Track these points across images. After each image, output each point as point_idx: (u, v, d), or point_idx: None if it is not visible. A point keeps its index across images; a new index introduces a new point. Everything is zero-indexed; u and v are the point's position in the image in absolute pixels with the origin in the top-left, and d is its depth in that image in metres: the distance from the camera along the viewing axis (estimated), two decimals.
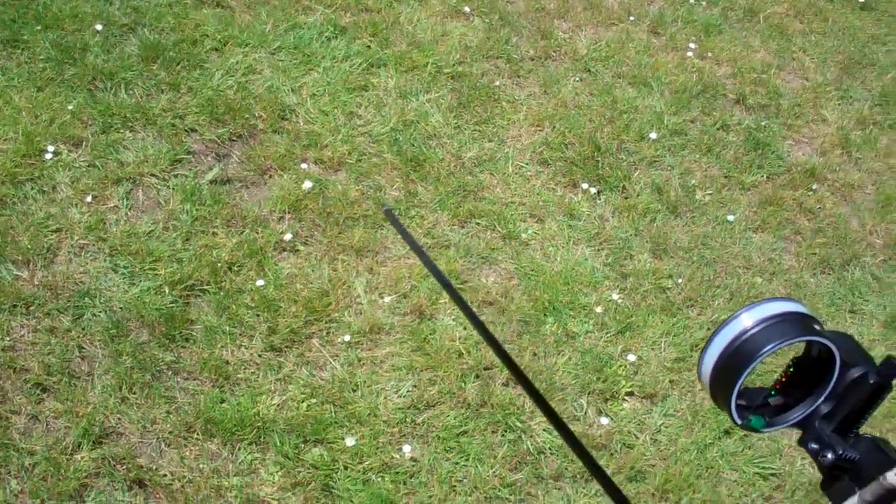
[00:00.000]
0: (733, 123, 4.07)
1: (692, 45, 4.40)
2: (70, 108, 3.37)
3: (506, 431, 2.78)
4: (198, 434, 2.62)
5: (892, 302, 3.51)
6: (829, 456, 0.85)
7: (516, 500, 2.64)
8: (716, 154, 3.90)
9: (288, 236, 3.14)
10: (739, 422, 0.88)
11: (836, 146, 4.11)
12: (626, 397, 2.95)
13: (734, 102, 4.20)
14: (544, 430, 2.79)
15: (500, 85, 3.93)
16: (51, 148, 3.23)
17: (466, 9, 4.24)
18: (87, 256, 2.99)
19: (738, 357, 0.85)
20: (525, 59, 4.09)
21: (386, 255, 3.17)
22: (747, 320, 0.87)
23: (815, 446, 0.87)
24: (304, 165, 3.37)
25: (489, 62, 4.03)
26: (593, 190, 3.59)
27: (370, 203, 3.30)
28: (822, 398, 0.88)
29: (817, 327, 0.86)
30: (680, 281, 3.35)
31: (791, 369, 0.91)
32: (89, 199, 3.13)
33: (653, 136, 3.86)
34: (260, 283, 2.98)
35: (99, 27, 3.68)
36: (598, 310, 3.16)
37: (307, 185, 3.28)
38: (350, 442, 2.64)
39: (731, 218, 3.64)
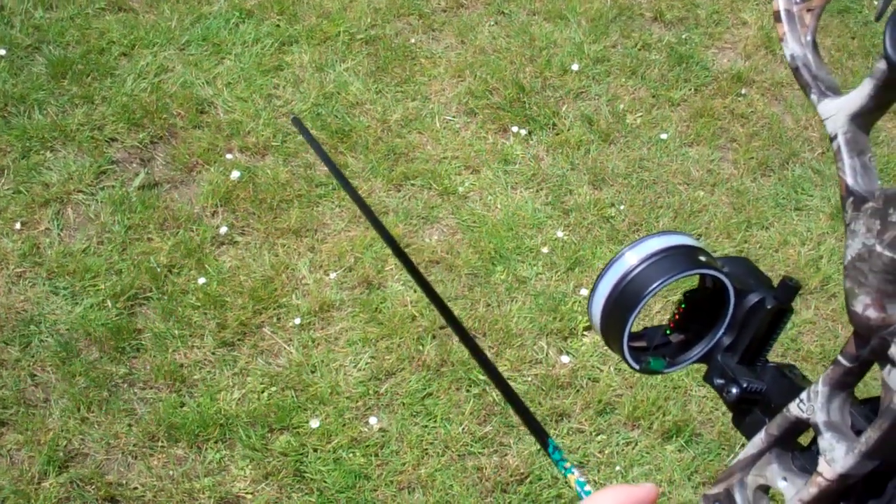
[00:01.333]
0: (654, 42, 4.05)
1: None
2: None
3: (469, 387, 2.78)
4: (162, 442, 2.60)
5: (835, 194, 3.52)
6: (734, 391, 0.81)
7: (489, 452, 2.64)
8: (640, 75, 3.89)
9: (224, 230, 3.11)
10: (637, 366, 0.84)
11: (759, 47, 4.11)
12: (584, 332, 2.96)
13: (652, 20, 4.17)
14: (508, 378, 2.80)
15: (416, 42, 3.89)
16: None
17: None
18: (26, 284, 2.95)
19: (624, 299, 0.81)
20: (437, 12, 4.05)
21: (325, 232, 3.15)
22: (631, 259, 0.82)
23: (719, 381, 0.83)
24: (229, 156, 3.34)
25: (401, 21, 3.98)
26: (524, 132, 3.58)
27: (301, 182, 3.27)
28: (722, 330, 0.84)
29: (704, 258, 0.83)
30: (622, 207, 3.35)
31: (683, 305, 0.87)
32: (18, 225, 3.08)
33: (575, 67, 3.84)
34: (202, 280, 2.95)
35: (2, 52, 3.61)
36: (545, 250, 3.16)
37: (235, 174, 3.25)
38: (315, 424, 2.64)
39: (664, 136, 3.63)
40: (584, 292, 3.03)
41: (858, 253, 0.62)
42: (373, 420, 2.68)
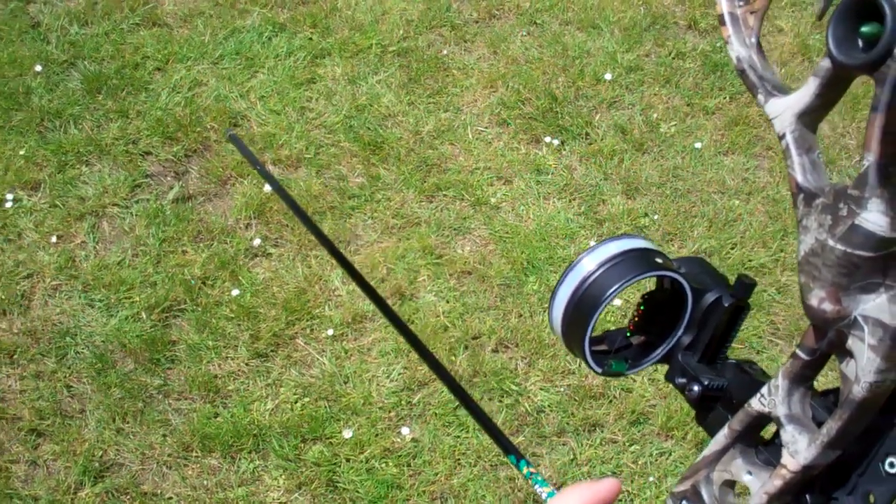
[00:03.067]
0: (688, 50, 4.03)
1: None
2: (22, 153, 3.35)
3: (502, 397, 2.77)
4: (196, 452, 2.61)
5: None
6: (696, 388, 0.82)
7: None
8: (675, 84, 3.87)
9: (257, 241, 3.13)
10: (599, 370, 0.86)
11: (795, 54, 4.07)
12: None
13: (686, 29, 4.15)
14: (541, 389, 2.79)
15: (448, 53, 3.90)
16: (10, 196, 3.22)
17: None
18: (62, 296, 2.98)
19: (584, 304, 0.83)
20: (469, 23, 4.05)
21: (358, 244, 3.16)
22: (589, 264, 0.84)
23: (681, 380, 0.84)
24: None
25: (433, 32, 3.99)
26: (556, 142, 3.57)
27: (334, 194, 3.29)
28: (682, 330, 0.86)
29: (660, 260, 0.84)
30: (656, 217, 3.33)
31: (642, 307, 0.89)
32: (54, 239, 3.12)
33: (608, 77, 3.83)
34: (235, 292, 2.97)
35: (38, 68, 3.66)
36: None
37: (268, 187, 3.27)
38: (348, 434, 2.64)
39: (698, 145, 3.61)
40: (618, 302, 3.01)
41: (811, 248, 0.64)
42: (405, 430, 2.67)
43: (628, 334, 0.89)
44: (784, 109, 0.67)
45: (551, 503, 0.72)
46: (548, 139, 3.57)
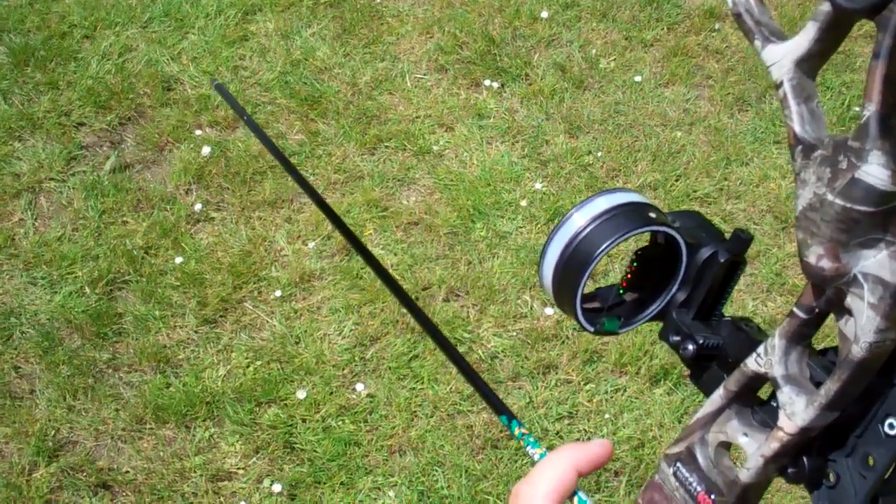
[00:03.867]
0: None
1: None
2: None
3: (455, 346, 2.76)
4: (150, 424, 2.59)
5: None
6: (691, 347, 0.79)
7: (478, 409, 2.63)
8: (611, 18, 3.83)
9: (198, 206, 3.08)
10: (591, 328, 0.82)
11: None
12: None
13: None
14: (493, 335, 2.78)
15: (382, 1, 3.84)
16: None
17: None
18: (4, 276, 2.93)
19: (575, 261, 0.80)
20: None
21: (302, 202, 3.12)
22: (579, 220, 0.80)
23: (675, 338, 0.82)
24: (198, 132, 3.30)
25: None
26: (496, 85, 3.53)
27: None
28: (676, 286, 0.83)
29: (653, 215, 0.81)
30: (599, 154, 3.31)
31: (635, 263, 0.86)
32: None
33: (544, 15, 3.78)
34: (179, 260, 2.93)
35: None
36: (524, 203, 3.13)
37: (206, 150, 3.22)
38: (302, 395, 2.63)
39: (638, 79, 3.59)
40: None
41: (809, 202, 0.61)
42: (360, 386, 2.67)
43: (621, 291, 0.86)
44: (782, 56, 0.64)
45: (542, 464, 0.71)
46: (487, 82, 3.53)
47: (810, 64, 0.63)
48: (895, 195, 0.57)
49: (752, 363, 0.69)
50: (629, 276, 0.86)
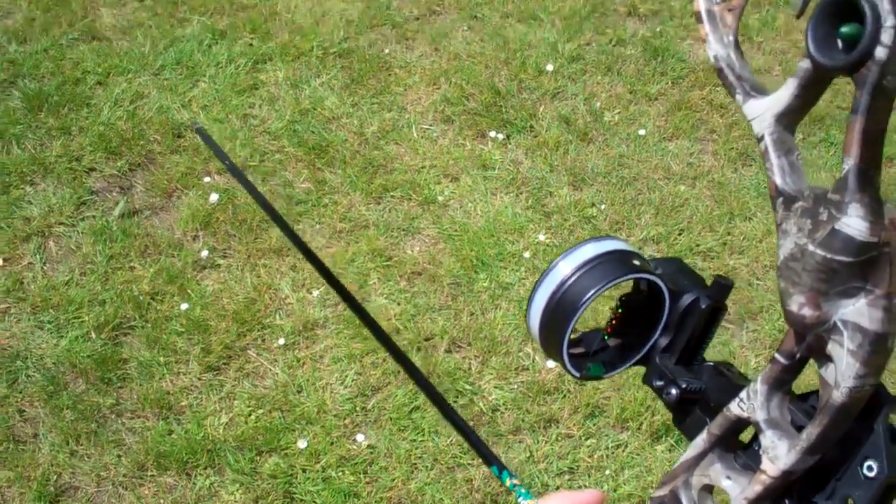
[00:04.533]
0: (629, 37, 4.05)
1: None
2: None
3: (457, 397, 2.78)
4: (152, 471, 2.61)
5: (815, 180, 3.51)
6: (674, 391, 0.81)
7: (478, 463, 2.64)
8: (616, 71, 3.88)
9: (205, 253, 3.11)
10: (577, 374, 0.85)
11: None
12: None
13: (626, 16, 4.17)
14: (495, 387, 2.80)
15: (390, 52, 3.90)
16: None
17: None
18: (11, 320, 2.96)
19: (561, 309, 0.81)
20: (410, 21, 4.05)
21: None
22: (565, 268, 0.82)
23: (658, 383, 0.84)
24: (207, 179, 3.34)
25: (374, 32, 3.98)
26: (501, 136, 3.57)
27: (281, 201, 3.28)
28: (659, 332, 0.85)
29: (638, 262, 0.83)
30: (603, 207, 3.35)
31: (619, 309, 0.88)
32: (1, 262, 3.09)
33: (550, 68, 3.84)
34: (185, 306, 2.96)
35: None
36: (527, 255, 3.16)
37: (214, 197, 3.25)
38: (303, 444, 2.64)
39: (642, 132, 3.63)
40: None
41: (791, 253, 0.63)
42: (360, 437, 2.68)
43: (605, 337, 0.88)
44: (763, 111, 0.66)
45: None
46: (493, 134, 3.58)
47: (790, 118, 0.65)
48: (873, 245, 0.59)
49: (735, 408, 0.71)
50: (614, 322, 0.88)
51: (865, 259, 0.60)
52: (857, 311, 0.61)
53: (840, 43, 0.58)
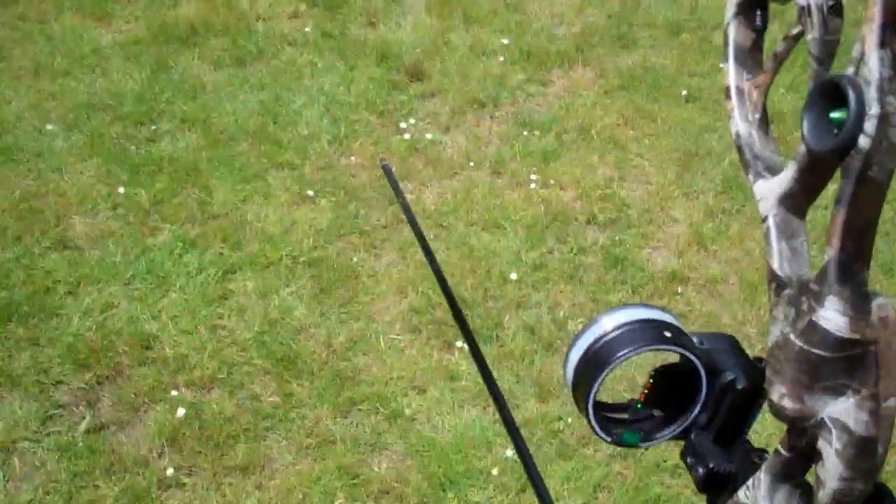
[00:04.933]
0: (589, 245, 4.18)
1: (534, 177, 4.53)
2: None
3: None
4: None
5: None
6: (701, 470, 0.80)
7: None
8: (578, 279, 3.99)
9: (170, 471, 3.10)
10: (604, 435, 0.85)
11: (691, 244, 4.25)
12: None
13: (586, 224, 4.31)
14: None
15: (358, 260, 3.99)
16: None
17: (310, 192, 4.31)
18: None
19: (593, 362, 0.83)
20: (378, 229, 4.16)
21: (273, 468, 3.15)
22: (607, 324, 0.85)
23: (690, 459, 0.83)
24: (174, 392, 3.35)
25: (343, 240, 4.08)
26: (468, 346, 3.62)
27: (248, 416, 3.29)
28: (698, 408, 0.84)
29: (669, 334, 0.83)
30: (570, 420, 3.39)
31: (652, 380, 0.89)
32: None
33: (513, 276, 3.94)
34: None
35: None
36: (495, 472, 3.17)
37: (181, 412, 3.26)
38: None
39: None
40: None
41: (776, 341, 0.63)
42: None
43: (639, 406, 0.89)
44: (768, 192, 0.66)
45: None
46: (459, 343, 3.63)
47: (793, 201, 0.65)
48: (855, 342, 0.58)
49: (742, 494, 0.71)
50: (646, 391, 0.89)
51: (848, 356, 0.58)
52: (845, 410, 0.60)
53: (834, 128, 0.57)
